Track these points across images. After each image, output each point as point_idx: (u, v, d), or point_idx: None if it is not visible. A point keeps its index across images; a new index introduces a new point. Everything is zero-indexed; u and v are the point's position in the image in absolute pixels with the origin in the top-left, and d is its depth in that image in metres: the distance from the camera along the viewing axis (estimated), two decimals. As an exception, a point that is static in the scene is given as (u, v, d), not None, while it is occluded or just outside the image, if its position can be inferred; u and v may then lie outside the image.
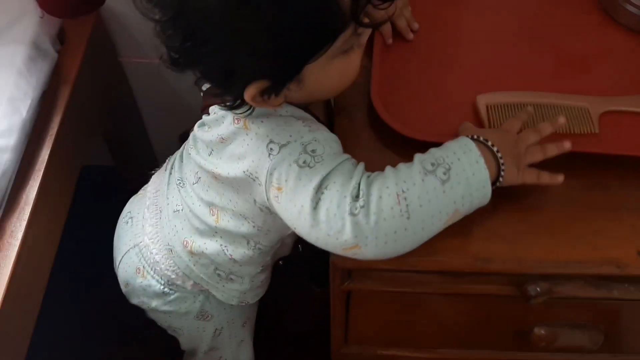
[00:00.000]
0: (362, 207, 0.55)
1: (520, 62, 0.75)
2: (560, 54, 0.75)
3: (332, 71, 0.59)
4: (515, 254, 0.60)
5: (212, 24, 0.52)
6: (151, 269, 0.82)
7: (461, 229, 0.61)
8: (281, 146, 0.59)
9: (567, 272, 0.60)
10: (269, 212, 0.65)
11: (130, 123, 1.28)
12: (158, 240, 0.81)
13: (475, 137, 0.60)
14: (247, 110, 0.60)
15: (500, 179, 0.59)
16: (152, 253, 0.81)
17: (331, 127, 0.66)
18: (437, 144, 0.60)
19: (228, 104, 0.60)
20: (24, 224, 0.85)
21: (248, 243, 0.72)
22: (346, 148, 0.63)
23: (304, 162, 0.58)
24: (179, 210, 0.76)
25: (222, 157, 0.65)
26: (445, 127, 0.67)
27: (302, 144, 0.59)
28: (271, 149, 0.59)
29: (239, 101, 0.59)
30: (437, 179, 0.56)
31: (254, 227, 0.69)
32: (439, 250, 0.60)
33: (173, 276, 0.81)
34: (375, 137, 0.69)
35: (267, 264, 0.80)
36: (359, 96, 0.71)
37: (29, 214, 0.86)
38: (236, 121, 0.62)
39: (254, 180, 0.61)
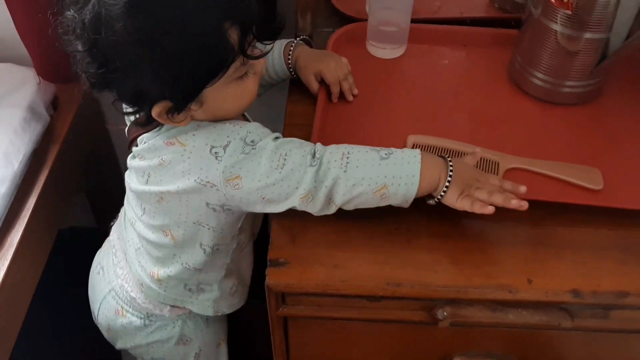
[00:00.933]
0: (318, 159, 0.69)
1: (442, 116, 0.86)
2: (476, 114, 0.87)
3: (229, 95, 0.70)
4: (422, 280, 0.69)
5: (120, 54, 0.63)
6: (129, 307, 0.90)
7: (377, 258, 0.71)
8: (224, 147, 0.69)
9: (468, 297, 0.69)
10: (221, 210, 0.74)
11: (111, 183, 1.40)
12: (130, 279, 0.89)
13: (440, 155, 0.73)
14: (159, 127, 0.72)
15: (442, 193, 0.70)
16: (127, 292, 0.89)
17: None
18: None
19: (140, 122, 0.72)
20: (6, 263, 0.95)
21: (205, 250, 0.80)
22: None
23: (249, 151, 0.69)
24: (139, 248, 0.85)
25: (163, 178, 0.73)
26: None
27: (241, 139, 0.69)
28: (216, 152, 0.69)
29: (148, 118, 0.69)
30: (378, 154, 0.70)
31: (208, 229, 0.77)
32: (357, 275, 0.70)
33: (150, 307, 0.89)
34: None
35: (230, 268, 0.86)
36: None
37: (11, 256, 0.96)
38: (169, 143, 0.72)
39: (205, 185, 0.70)
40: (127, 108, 0.71)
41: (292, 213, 0.75)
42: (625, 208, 0.74)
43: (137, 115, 0.73)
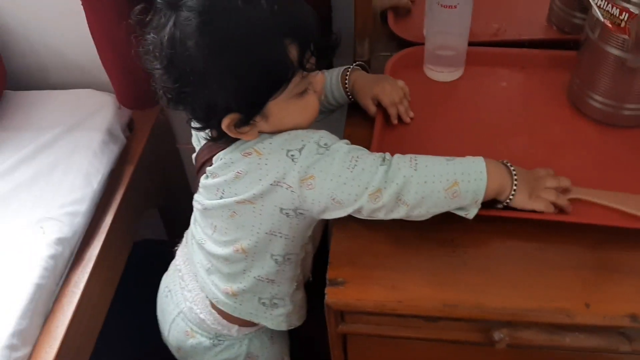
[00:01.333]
0: (388, 160, 0.74)
1: (501, 139, 0.87)
2: (535, 137, 0.88)
3: (291, 110, 0.75)
4: (479, 301, 0.71)
5: (193, 69, 0.70)
6: (198, 328, 0.95)
7: (434, 279, 0.73)
8: (300, 149, 0.74)
9: (524, 319, 0.71)
10: (295, 215, 0.77)
11: (182, 199, 1.47)
12: (199, 301, 0.94)
13: (501, 161, 0.76)
14: (224, 139, 0.77)
15: (511, 196, 0.74)
16: (196, 314, 0.94)
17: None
18: None
19: (210, 136, 0.77)
20: (86, 276, 1.03)
21: (276, 260, 0.84)
22: (344, 232, 0.79)
23: (323, 152, 0.74)
24: (209, 267, 0.90)
25: (239, 189, 0.77)
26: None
27: (315, 142, 0.74)
28: (292, 155, 0.74)
29: (218, 132, 0.75)
30: (443, 158, 0.75)
31: (280, 237, 0.81)
32: (414, 297, 0.72)
33: (219, 328, 0.94)
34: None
35: (299, 279, 0.91)
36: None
37: (91, 268, 1.04)
38: (247, 154, 0.76)
39: (282, 186, 0.74)
40: (199, 124, 0.77)
41: (351, 234, 0.79)
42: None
43: (209, 132, 0.79)
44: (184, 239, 1.01)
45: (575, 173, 0.82)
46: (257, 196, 0.76)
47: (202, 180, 0.83)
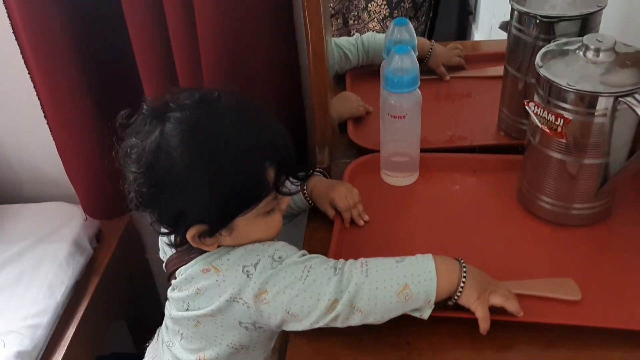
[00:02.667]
0: (340, 269, 0.75)
1: (455, 240, 0.90)
2: (488, 238, 0.90)
3: (256, 226, 0.77)
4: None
5: (173, 178, 0.72)
6: None
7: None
8: (255, 264, 0.75)
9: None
10: (254, 328, 0.79)
11: (150, 310, 1.45)
12: None
13: (456, 258, 0.77)
14: (185, 247, 0.78)
15: (458, 294, 0.74)
16: None
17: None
18: None
19: (172, 242, 0.78)
20: (44, 392, 0.99)
21: None
22: None
23: (277, 266, 0.75)
24: None
25: (201, 304, 0.78)
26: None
27: (269, 256, 0.76)
28: (248, 270, 0.75)
29: (182, 239, 0.76)
30: (393, 260, 0.76)
31: (242, 349, 0.81)
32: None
33: None
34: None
35: None
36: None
37: (50, 383, 1.01)
38: (205, 271, 0.77)
39: (238, 302, 0.75)
40: (164, 229, 0.78)
41: (308, 339, 0.78)
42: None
43: (172, 237, 0.80)
44: (155, 336, 1.00)
45: (528, 272, 0.84)
46: (216, 311, 0.77)
47: (169, 292, 0.84)
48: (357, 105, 1.17)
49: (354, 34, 1.97)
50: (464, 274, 0.75)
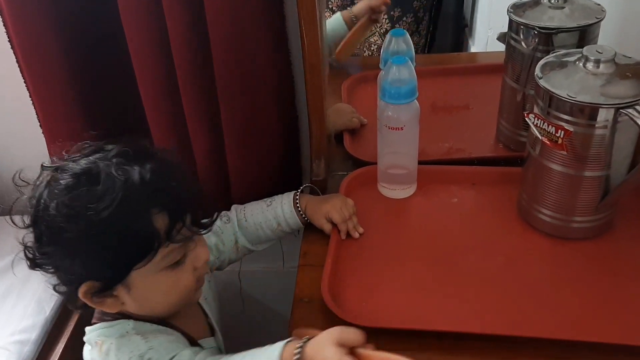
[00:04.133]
0: None
1: (454, 253, 0.88)
2: (487, 251, 0.88)
3: (158, 284, 0.71)
4: None
5: (54, 231, 0.67)
6: None
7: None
8: None
9: None
10: None
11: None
12: None
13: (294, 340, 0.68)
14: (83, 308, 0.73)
15: None
16: None
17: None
18: (379, 330, 0.74)
19: (68, 301, 0.73)
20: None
21: None
22: (300, 334, 0.75)
23: None
24: None
25: None
26: (387, 314, 0.80)
27: (140, 356, 0.71)
28: None
29: (76, 297, 0.70)
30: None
31: None
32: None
33: None
34: (327, 324, 0.80)
35: None
36: (315, 287, 0.84)
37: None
38: (97, 343, 0.73)
39: None
40: (60, 289, 0.73)
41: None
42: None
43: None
44: None
45: (528, 286, 0.82)
46: None
47: None
48: (351, 117, 1.15)
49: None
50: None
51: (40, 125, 1.07)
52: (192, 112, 0.98)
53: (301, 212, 0.93)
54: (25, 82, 1.03)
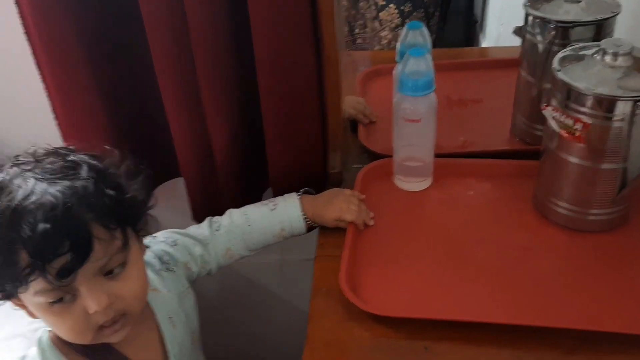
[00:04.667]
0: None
1: (469, 246, 0.89)
2: (503, 244, 0.89)
3: (44, 315, 0.68)
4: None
5: None
6: None
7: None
8: None
9: None
10: None
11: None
12: None
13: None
14: None
15: None
16: None
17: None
18: (397, 320, 0.76)
19: None
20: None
21: None
22: (321, 323, 0.80)
23: None
24: None
25: None
26: (405, 305, 0.80)
27: None
28: None
29: None
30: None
31: None
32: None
33: None
34: (346, 314, 0.81)
35: None
36: (333, 278, 0.85)
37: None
38: None
39: None
40: None
41: (321, 345, 0.77)
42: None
43: None
44: None
45: (544, 278, 0.83)
46: None
47: None
48: (360, 109, 1.15)
49: (359, 42, 1.98)
50: None
51: (55, 117, 1.07)
52: (214, 107, 0.99)
53: (307, 219, 0.93)
54: (41, 73, 1.03)
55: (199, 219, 1.18)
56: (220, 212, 1.16)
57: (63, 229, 0.62)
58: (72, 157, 0.70)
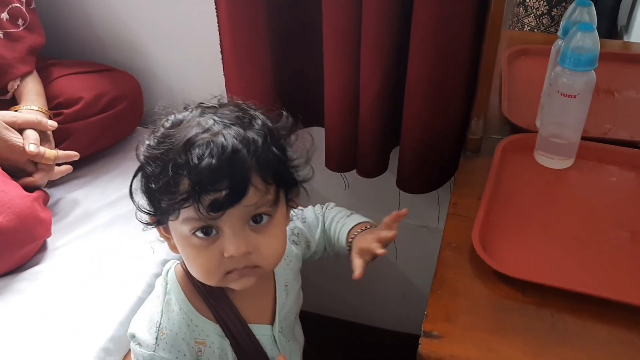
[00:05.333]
0: None
1: (600, 229, 0.88)
2: (637, 236, 0.87)
3: (183, 245, 0.73)
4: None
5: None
6: None
7: (532, 350, 0.73)
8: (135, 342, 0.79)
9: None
10: None
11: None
12: None
13: None
14: None
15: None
16: None
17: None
18: (526, 283, 0.78)
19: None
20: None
21: None
22: (448, 275, 0.82)
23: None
24: None
25: None
26: (535, 271, 0.81)
27: (143, 357, 0.77)
28: (136, 334, 0.79)
29: None
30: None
31: None
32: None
33: None
34: (473, 271, 0.84)
35: None
36: (463, 236, 0.88)
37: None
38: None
39: None
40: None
41: (450, 291, 0.80)
42: None
43: None
44: None
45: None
46: None
47: None
48: None
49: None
50: None
51: (221, 52, 1.16)
52: (370, 65, 1.03)
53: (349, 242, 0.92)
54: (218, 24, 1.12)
55: (331, 166, 1.24)
56: (352, 164, 1.22)
57: (226, 168, 0.66)
58: (250, 111, 0.75)
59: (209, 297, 0.81)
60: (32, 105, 1.19)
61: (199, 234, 0.70)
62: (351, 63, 1.06)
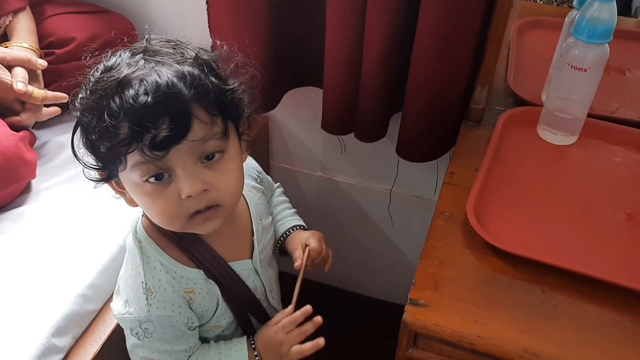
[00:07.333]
0: None
1: (597, 209, 0.86)
2: (633, 216, 0.85)
3: (138, 194, 0.70)
4: (562, 357, 0.68)
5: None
6: None
7: (519, 324, 0.71)
8: (125, 312, 0.77)
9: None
10: None
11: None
12: None
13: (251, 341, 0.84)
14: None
15: None
16: None
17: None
18: (518, 258, 0.76)
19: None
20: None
21: None
22: (439, 243, 0.80)
23: (137, 333, 0.77)
24: None
25: None
26: (528, 246, 0.79)
27: (138, 320, 0.76)
28: (126, 301, 0.78)
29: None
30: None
31: None
32: (495, 336, 0.70)
33: None
34: (464, 242, 0.82)
35: None
36: (457, 206, 0.86)
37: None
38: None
39: None
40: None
41: (440, 261, 0.78)
42: None
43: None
44: None
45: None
46: None
47: None
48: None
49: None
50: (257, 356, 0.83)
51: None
52: (375, 18, 0.99)
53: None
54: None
55: (327, 128, 1.20)
56: (350, 127, 1.18)
57: (164, 103, 0.63)
58: (182, 47, 0.72)
59: (184, 244, 0.78)
60: (22, 43, 1.15)
61: (152, 179, 0.67)
62: (356, 21, 1.02)
